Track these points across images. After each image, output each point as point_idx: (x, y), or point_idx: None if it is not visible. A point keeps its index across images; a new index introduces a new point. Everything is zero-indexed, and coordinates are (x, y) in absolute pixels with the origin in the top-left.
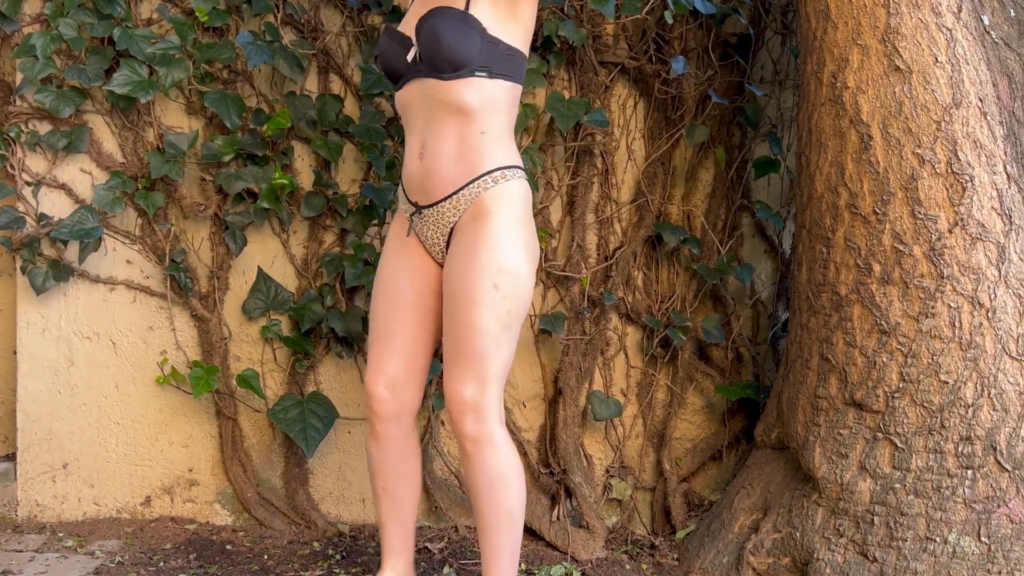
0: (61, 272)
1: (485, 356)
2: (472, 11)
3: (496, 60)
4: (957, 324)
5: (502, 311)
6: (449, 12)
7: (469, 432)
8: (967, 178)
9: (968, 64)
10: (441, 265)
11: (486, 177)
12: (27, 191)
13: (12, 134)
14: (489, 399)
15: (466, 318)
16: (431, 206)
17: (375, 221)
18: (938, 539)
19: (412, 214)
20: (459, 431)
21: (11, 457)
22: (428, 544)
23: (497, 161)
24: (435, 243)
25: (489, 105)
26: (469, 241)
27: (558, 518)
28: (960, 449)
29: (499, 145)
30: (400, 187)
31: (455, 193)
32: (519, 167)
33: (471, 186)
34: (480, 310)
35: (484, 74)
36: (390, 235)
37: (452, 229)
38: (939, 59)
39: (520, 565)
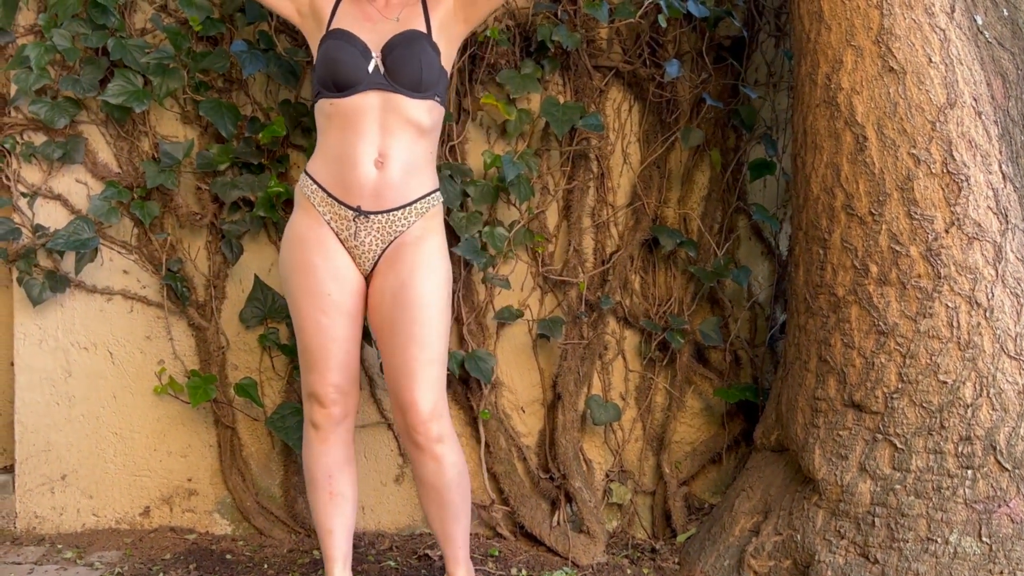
0: (57, 283)
1: (440, 361)
2: (435, 39)
3: (444, 89)
4: (955, 324)
5: (449, 318)
6: (421, 37)
7: (436, 435)
8: (963, 178)
9: (962, 64)
10: (362, 274)
11: (436, 194)
12: (23, 202)
13: (7, 145)
14: (445, 400)
15: (433, 323)
16: (380, 213)
17: None
18: (939, 540)
19: (355, 218)
20: (426, 436)
21: (9, 469)
22: (428, 551)
23: (436, 179)
24: (370, 250)
25: (435, 128)
26: (427, 254)
27: (558, 523)
28: (960, 449)
29: (434, 166)
30: (317, 189)
31: (410, 204)
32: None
33: (424, 200)
34: (441, 319)
35: (439, 100)
36: (304, 239)
37: (393, 240)
38: (933, 59)
39: (521, 571)
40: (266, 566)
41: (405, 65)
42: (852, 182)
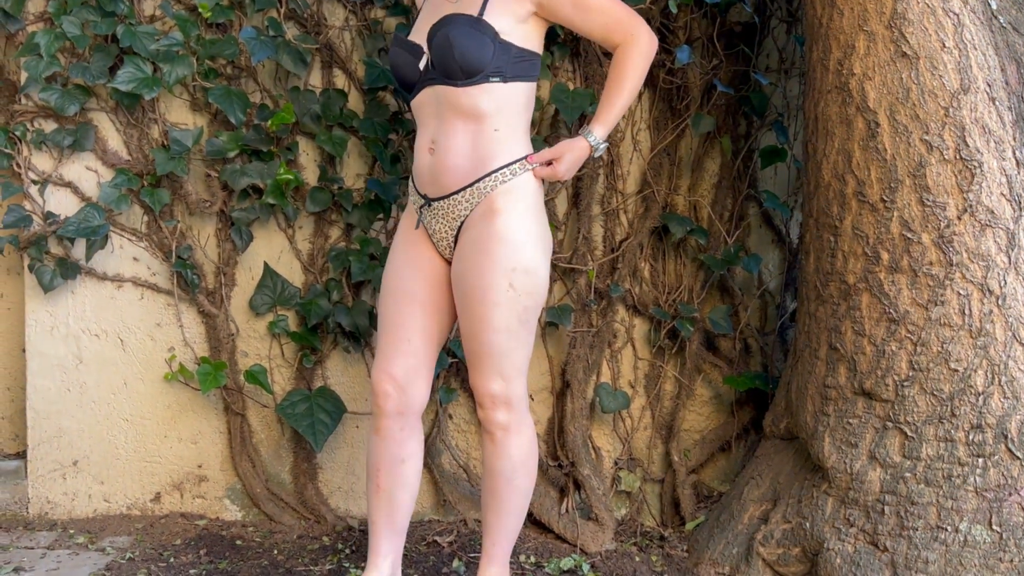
0: (68, 270)
1: (506, 353)
2: (486, 17)
3: (509, 64)
4: (967, 312)
5: (519, 308)
6: (462, 19)
7: (501, 422)
8: (976, 164)
9: (976, 49)
10: (448, 261)
11: (500, 172)
12: (33, 189)
13: (18, 133)
14: (517, 390)
15: (485, 318)
16: (441, 199)
17: (380, 215)
18: (949, 528)
19: (421, 206)
20: (491, 420)
21: (22, 455)
22: (437, 538)
23: (510, 155)
24: (443, 237)
25: (503, 107)
26: (482, 239)
27: (567, 511)
28: (971, 437)
29: (512, 142)
30: (411, 180)
31: (468, 187)
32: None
33: (484, 181)
34: (498, 310)
35: (498, 79)
36: (399, 229)
37: (461, 225)
38: (946, 44)
39: (529, 558)
40: (276, 552)
41: (441, 55)
42: (864, 169)
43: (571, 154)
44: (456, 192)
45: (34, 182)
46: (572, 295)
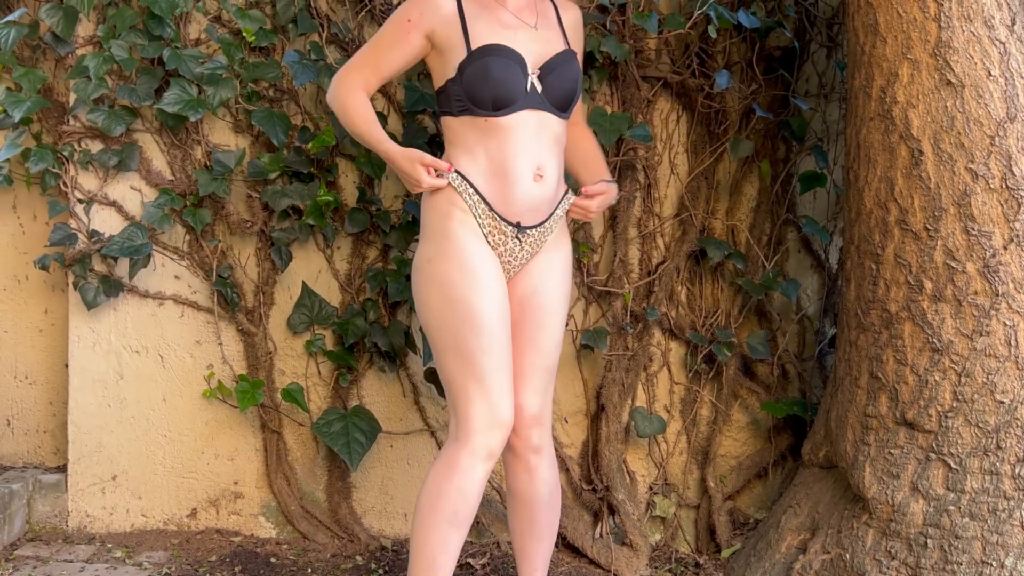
0: (111, 287)
1: (553, 370)
2: (572, 47)
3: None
4: (1013, 342)
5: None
6: (572, 57)
7: (535, 443)
8: (1022, 193)
9: (1022, 78)
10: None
11: (567, 195)
12: (79, 208)
13: (65, 153)
14: (550, 410)
15: (557, 335)
16: (536, 227)
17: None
18: (994, 563)
19: (517, 234)
20: (524, 442)
21: (62, 468)
22: (470, 560)
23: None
24: (521, 261)
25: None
26: (560, 260)
27: (601, 535)
28: (1017, 471)
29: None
30: (479, 201)
31: (553, 212)
32: None
33: (560, 206)
34: (562, 329)
35: (567, 115)
36: (472, 254)
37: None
38: (992, 73)
39: None
40: (309, 570)
41: (562, 89)
42: (906, 197)
43: (605, 196)
44: (548, 219)
45: (80, 201)
46: (608, 318)
